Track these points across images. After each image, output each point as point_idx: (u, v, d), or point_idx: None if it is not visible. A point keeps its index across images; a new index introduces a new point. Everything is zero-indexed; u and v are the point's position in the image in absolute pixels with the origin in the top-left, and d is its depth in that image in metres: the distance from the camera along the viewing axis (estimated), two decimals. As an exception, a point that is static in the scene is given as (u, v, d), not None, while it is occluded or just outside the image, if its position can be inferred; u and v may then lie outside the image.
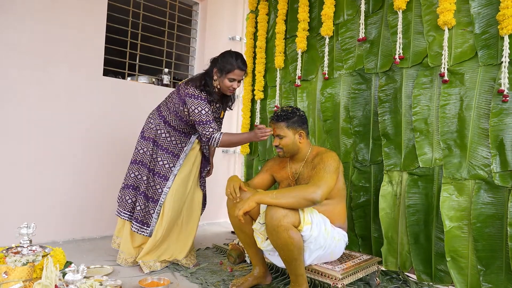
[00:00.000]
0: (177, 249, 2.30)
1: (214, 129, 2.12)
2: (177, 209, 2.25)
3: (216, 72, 2.17)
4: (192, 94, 2.14)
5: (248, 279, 1.95)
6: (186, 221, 2.34)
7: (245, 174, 3.45)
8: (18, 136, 2.64)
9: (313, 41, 2.80)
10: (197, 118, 2.12)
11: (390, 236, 2.22)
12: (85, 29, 2.92)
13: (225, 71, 2.14)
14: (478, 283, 1.88)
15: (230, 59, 2.15)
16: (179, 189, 2.25)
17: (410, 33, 2.19)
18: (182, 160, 2.28)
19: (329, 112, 2.63)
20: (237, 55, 2.18)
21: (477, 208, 1.88)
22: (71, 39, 2.84)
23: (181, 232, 2.33)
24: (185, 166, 2.30)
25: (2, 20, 2.55)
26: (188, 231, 2.35)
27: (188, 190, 2.32)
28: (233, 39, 3.93)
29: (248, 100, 3.38)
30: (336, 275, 1.73)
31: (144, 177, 2.25)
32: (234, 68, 2.13)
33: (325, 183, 1.68)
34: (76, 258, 2.37)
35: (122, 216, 2.30)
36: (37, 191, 2.72)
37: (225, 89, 2.19)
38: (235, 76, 2.15)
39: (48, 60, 2.74)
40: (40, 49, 2.71)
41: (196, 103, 2.13)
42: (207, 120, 2.12)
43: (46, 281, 1.26)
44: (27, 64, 2.65)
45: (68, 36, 2.83)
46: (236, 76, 2.15)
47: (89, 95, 2.95)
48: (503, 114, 1.82)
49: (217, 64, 2.17)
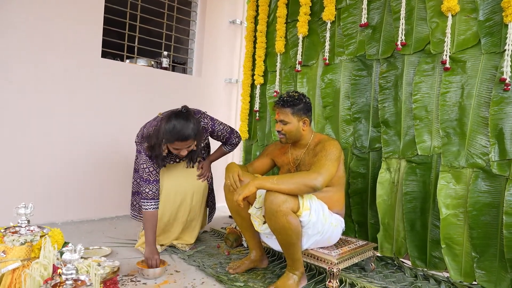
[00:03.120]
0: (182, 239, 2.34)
1: (149, 193, 2.02)
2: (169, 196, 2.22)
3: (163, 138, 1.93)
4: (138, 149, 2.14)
5: (244, 262, 1.97)
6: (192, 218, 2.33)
7: (243, 159, 3.45)
8: (15, 118, 2.62)
9: (315, 26, 2.76)
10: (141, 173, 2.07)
11: (386, 223, 2.24)
12: (83, 10, 2.87)
13: (166, 141, 1.90)
14: (471, 269, 1.91)
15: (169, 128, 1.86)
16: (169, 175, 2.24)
17: (413, 19, 2.15)
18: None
19: (329, 98, 2.61)
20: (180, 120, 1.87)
21: (473, 196, 1.89)
22: (68, 20, 2.80)
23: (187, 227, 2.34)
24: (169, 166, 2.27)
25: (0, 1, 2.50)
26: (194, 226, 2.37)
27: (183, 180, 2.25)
28: (234, 22, 3.88)
29: (247, 85, 3.36)
30: (332, 260, 1.75)
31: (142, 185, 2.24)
32: (172, 140, 1.88)
33: (326, 170, 1.67)
34: (75, 239, 2.39)
35: (138, 219, 2.40)
36: (36, 172, 2.72)
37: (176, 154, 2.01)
38: (178, 146, 1.91)
39: (45, 41, 2.70)
40: (37, 30, 2.66)
41: (139, 159, 2.11)
42: (147, 179, 2.04)
43: (44, 261, 1.26)
44: (23, 45, 2.61)
45: (66, 16, 2.78)
46: (179, 146, 1.91)
47: (86, 77, 2.92)
48: (503, 103, 1.81)
49: (161, 130, 1.91)
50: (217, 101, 3.80)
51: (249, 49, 3.35)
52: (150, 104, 3.21)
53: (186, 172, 2.28)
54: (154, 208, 2.04)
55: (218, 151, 2.43)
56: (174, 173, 2.25)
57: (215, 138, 2.32)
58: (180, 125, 1.86)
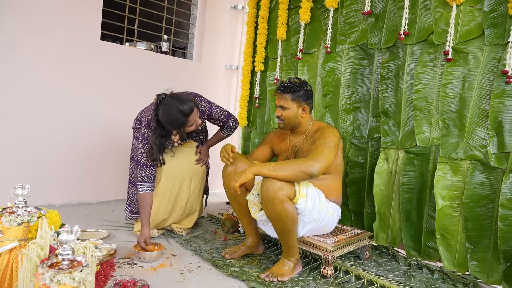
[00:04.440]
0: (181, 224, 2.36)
1: (145, 175, 2.05)
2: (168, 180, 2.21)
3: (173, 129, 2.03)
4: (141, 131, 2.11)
5: (241, 248, 1.99)
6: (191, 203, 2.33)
7: (242, 146, 3.45)
8: (14, 100, 2.60)
9: (317, 13, 2.73)
10: (136, 155, 2.13)
11: (382, 212, 2.25)
12: (83, -11, 2.82)
13: (179, 127, 1.96)
14: (465, 260, 1.93)
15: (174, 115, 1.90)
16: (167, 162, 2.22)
17: (417, 8, 2.13)
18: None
19: (329, 87, 2.60)
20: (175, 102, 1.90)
21: (470, 188, 1.90)
22: (67, 1, 2.75)
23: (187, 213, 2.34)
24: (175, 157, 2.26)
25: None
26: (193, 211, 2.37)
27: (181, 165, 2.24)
28: (235, 7, 3.83)
29: (248, 72, 3.33)
30: (328, 247, 1.76)
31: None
32: (185, 121, 1.94)
33: (323, 157, 1.67)
34: (72, 221, 2.40)
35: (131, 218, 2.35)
36: (35, 154, 2.72)
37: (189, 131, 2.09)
38: (190, 123, 1.97)
39: (43, 22, 2.66)
40: (35, 11, 2.62)
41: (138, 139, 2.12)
42: (143, 164, 2.06)
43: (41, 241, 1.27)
44: (22, 26, 2.58)
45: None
46: (191, 121, 1.96)
47: (85, 59, 2.89)
48: (504, 95, 1.80)
49: (166, 125, 1.98)
50: (217, 87, 3.77)
51: (250, 35, 3.31)
52: (150, 88, 3.18)
53: (184, 156, 2.27)
54: (149, 191, 2.06)
55: (216, 136, 2.43)
56: (172, 158, 2.24)
57: (212, 122, 2.33)
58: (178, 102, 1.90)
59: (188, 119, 1.94)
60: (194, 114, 1.97)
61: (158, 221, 2.23)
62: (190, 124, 1.99)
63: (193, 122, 1.99)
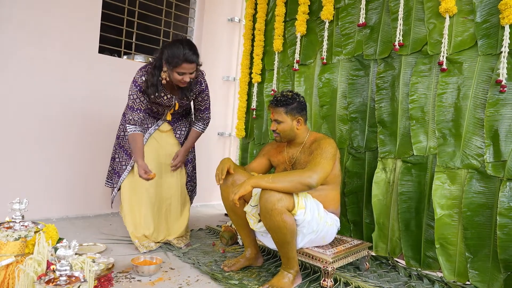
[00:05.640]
0: (171, 231, 2.34)
1: (132, 119, 2.13)
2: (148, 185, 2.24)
3: (165, 64, 2.02)
4: (134, 78, 2.15)
5: (240, 260, 1.98)
6: (175, 205, 2.36)
7: (240, 157, 3.45)
8: (11, 113, 2.60)
9: (313, 25, 2.76)
10: (128, 101, 2.18)
11: (381, 222, 2.24)
12: (81, 4, 2.86)
13: (172, 65, 1.97)
14: (465, 269, 1.92)
15: (177, 51, 1.95)
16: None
17: (411, 19, 2.16)
18: (148, 135, 2.29)
19: (326, 97, 2.62)
20: (185, 45, 1.97)
21: (468, 197, 1.90)
22: (66, 14, 2.78)
23: (170, 216, 2.36)
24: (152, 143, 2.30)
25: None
26: (178, 215, 2.38)
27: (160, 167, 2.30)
28: (232, 20, 3.87)
29: (245, 83, 3.35)
30: (327, 259, 1.75)
31: (117, 153, 2.37)
32: (180, 63, 1.95)
33: (321, 168, 1.68)
34: (69, 235, 2.38)
35: (106, 184, 2.44)
36: (31, 168, 2.71)
37: (176, 82, 2.06)
38: (183, 70, 1.98)
39: (42, 35, 2.69)
40: (34, 24, 2.65)
41: (130, 86, 2.15)
42: (131, 107, 2.15)
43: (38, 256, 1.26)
44: (20, 39, 2.60)
45: (64, 11, 2.77)
46: (185, 70, 1.98)
47: (83, 73, 2.91)
48: (499, 104, 1.82)
49: (165, 56, 2.00)
50: (214, 99, 3.76)
51: (247, 47, 3.34)
52: (147, 101, 3.20)
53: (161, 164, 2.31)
54: (138, 131, 2.14)
55: (191, 137, 2.41)
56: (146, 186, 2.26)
57: (195, 104, 2.37)
58: (188, 47, 1.97)
59: (184, 64, 1.96)
60: (192, 67, 2.00)
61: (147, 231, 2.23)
62: (183, 71, 1.99)
63: (186, 71, 2.00)
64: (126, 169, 2.29)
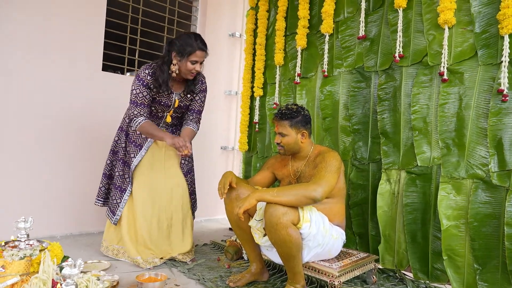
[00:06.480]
0: (175, 247, 2.31)
1: (139, 113, 2.13)
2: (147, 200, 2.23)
3: (176, 56, 2.10)
4: (136, 73, 2.16)
5: (245, 276, 1.96)
6: (177, 219, 2.33)
7: (243, 171, 3.45)
8: (15, 130, 2.63)
9: (313, 39, 2.80)
10: (130, 97, 2.16)
11: (387, 234, 2.22)
12: (85, 23, 2.91)
13: (186, 54, 2.07)
14: (474, 281, 1.89)
15: (190, 41, 2.08)
16: (143, 179, 2.25)
17: (410, 31, 2.18)
18: (144, 151, 2.28)
19: (328, 110, 2.63)
20: (196, 35, 2.13)
21: (474, 207, 1.89)
22: (70, 33, 2.83)
23: (174, 231, 2.32)
24: (151, 158, 2.29)
25: (1, 11, 2.53)
26: (182, 229, 2.35)
27: (158, 181, 2.28)
28: (233, 35, 3.92)
29: (247, 97, 3.37)
30: (333, 273, 1.73)
31: (116, 167, 2.33)
32: (195, 50, 2.07)
33: (326, 182, 1.68)
34: (74, 253, 2.37)
35: (96, 202, 2.40)
36: (35, 186, 2.71)
37: (186, 73, 2.14)
38: (196, 58, 2.09)
39: (46, 54, 2.73)
40: (38, 43, 2.69)
41: (133, 82, 2.16)
42: (134, 101, 2.14)
43: (43, 275, 1.26)
44: (25, 57, 2.64)
45: (67, 30, 2.82)
46: (198, 57, 2.10)
47: (87, 90, 2.94)
48: (502, 113, 1.82)
49: (176, 47, 2.10)
50: (217, 113, 3.81)
51: (249, 61, 3.37)
52: (150, 116, 3.22)
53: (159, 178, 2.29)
54: (147, 119, 2.15)
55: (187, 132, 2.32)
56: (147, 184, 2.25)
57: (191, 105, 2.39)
58: (198, 37, 2.12)
59: (198, 51, 2.08)
60: (204, 55, 2.13)
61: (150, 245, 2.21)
62: (196, 59, 2.09)
63: (198, 59, 2.11)
64: (131, 182, 2.27)
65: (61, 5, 2.78)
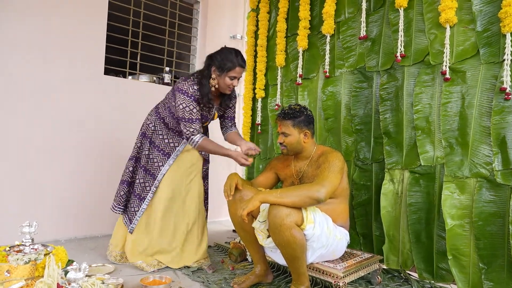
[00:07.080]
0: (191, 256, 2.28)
1: (195, 129, 2.09)
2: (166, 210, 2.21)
3: (215, 71, 2.10)
4: (181, 89, 2.10)
5: (249, 278, 1.95)
6: (194, 227, 2.30)
7: (246, 172, 3.45)
8: (17, 134, 2.64)
9: (314, 39, 2.80)
10: (181, 114, 2.10)
11: (391, 235, 2.22)
12: (86, 27, 2.92)
13: (226, 69, 2.07)
14: (479, 281, 1.88)
15: (230, 56, 2.08)
16: (167, 190, 2.22)
17: (411, 31, 2.18)
18: (172, 160, 2.25)
19: (330, 110, 2.63)
20: (236, 52, 2.12)
21: (478, 206, 1.88)
22: (71, 38, 2.84)
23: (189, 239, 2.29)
24: (177, 167, 2.25)
25: (2, 16, 2.55)
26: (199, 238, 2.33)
27: (181, 192, 2.26)
28: (234, 37, 3.93)
29: (249, 99, 3.38)
30: (338, 273, 1.73)
31: (137, 174, 2.29)
32: (235, 66, 2.07)
33: (329, 182, 1.68)
34: (78, 256, 2.37)
35: (116, 211, 2.34)
36: (39, 189, 2.72)
37: (224, 88, 2.14)
38: (235, 74, 2.09)
39: (48, 59, 2.74)
40: (40, 47, 2.71)
41: (182, 98, 2.09)
42: (189, 118, 2.09)
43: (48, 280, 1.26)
44: (27, 62, 2.65)
45: (69, 34, 2.83)
46: (237, 73, 2.10)
47: (90, 94, 2.95)
48: (505, 112, 1.81)
49: (216, 62, 2.10)
50: (219, 115, 3.81)
51: (250, 63, 3.38)
52: (153, 119, 3.23)
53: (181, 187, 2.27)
54: (204, 136, 2.13)
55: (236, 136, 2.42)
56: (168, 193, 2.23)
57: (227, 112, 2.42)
58: (239, 53, 2.12)
59: (238, 67, 2.08)
60: (242, 71, 2.13)
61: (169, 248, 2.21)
62: (235, 75, 2.10)
63: (237, 75, 2.11)
64: (151, 190, 2.23)
65: (62, 9, 2.79)
